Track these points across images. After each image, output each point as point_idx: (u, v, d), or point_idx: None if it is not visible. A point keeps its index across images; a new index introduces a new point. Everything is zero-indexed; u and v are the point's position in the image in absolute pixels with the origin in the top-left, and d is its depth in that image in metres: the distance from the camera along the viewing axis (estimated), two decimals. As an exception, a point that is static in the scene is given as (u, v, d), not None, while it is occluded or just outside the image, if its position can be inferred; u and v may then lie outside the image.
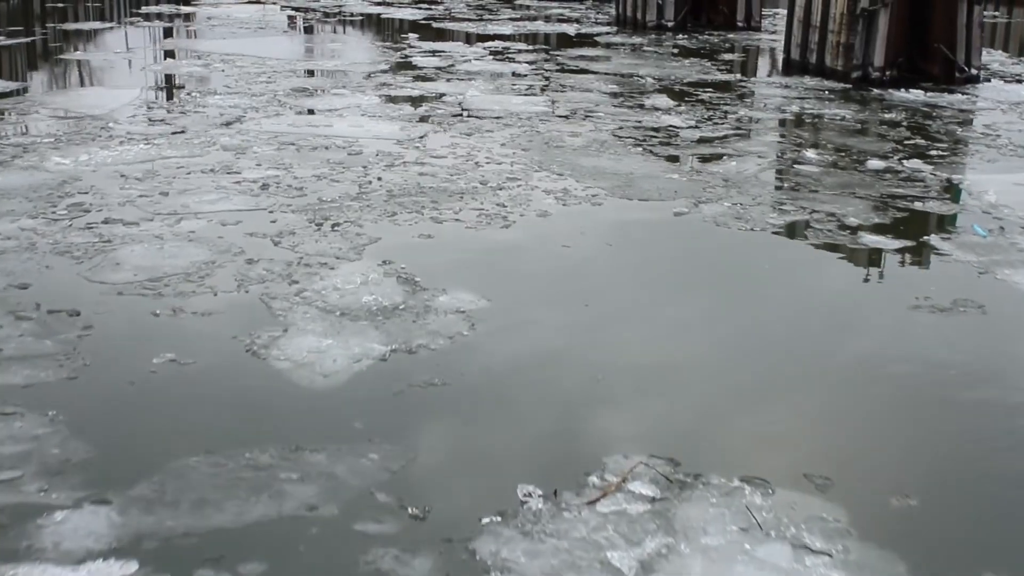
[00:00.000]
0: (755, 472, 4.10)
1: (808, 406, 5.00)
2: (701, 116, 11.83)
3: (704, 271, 6.82)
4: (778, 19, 24.46)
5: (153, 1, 28.31)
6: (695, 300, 6.27)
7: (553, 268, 6.66)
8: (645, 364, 5.30)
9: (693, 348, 5.57)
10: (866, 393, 5.10)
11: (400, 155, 9.42)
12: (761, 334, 5.72)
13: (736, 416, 4.79)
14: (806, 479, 4.11)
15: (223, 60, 15.65)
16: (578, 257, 6.88)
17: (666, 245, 7.27)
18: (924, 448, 4.58)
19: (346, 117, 11.21)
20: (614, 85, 14.01)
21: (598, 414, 4.75)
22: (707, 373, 5.26)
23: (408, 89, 13.15)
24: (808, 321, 5.97)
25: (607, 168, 9.12)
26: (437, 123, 10.96)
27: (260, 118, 11.03)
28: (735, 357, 5.43)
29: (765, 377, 5.20)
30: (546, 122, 11.19)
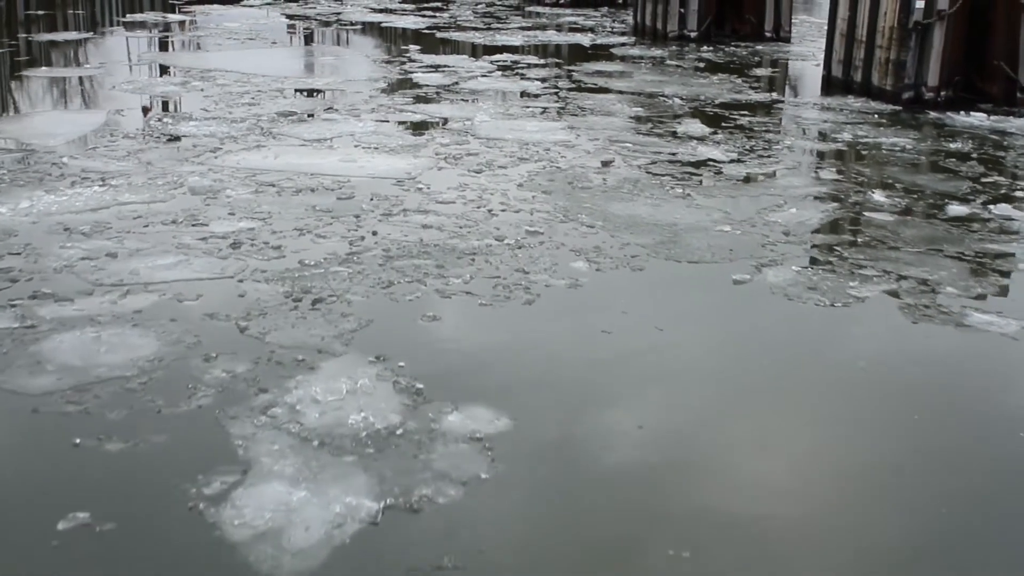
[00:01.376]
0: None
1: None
2: (743, 147, 10.54)
3: (786, 371, 5.50)
4: (804, 28, 23.22)
5: (139, 9, 27.09)
6: (784, 416, 4.96)
7: (591, 366, 5.36)
8: (744, 525, 3.98)
9: (808, 494, 4.26)
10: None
11: (399, 199, 8.13)
12: (891, 475, 4.41)
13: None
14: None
15: (204, 78, 14.36)
16: (622, 348, 5.57)
17: (730, 330, 5.95)
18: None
19: (337, 149, 9.92)
20: (639, 107, 12.72)
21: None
22: (842, 536, 3.95)
23: (408, 113, 11.86)
24: (942, 452, 4.67)
25: (645, 217, 7.82)
26: (442, 157, 9.66)
27: (238, 150, 9.74)
28: (868, 511, 4.12)
29: (924, 539, 3.89)
30: (567, 155, 9.89)
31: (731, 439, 4.68)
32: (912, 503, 4.19)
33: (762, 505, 4.14)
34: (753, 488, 4.28)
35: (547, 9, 28.03)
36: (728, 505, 4.11)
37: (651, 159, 9.81)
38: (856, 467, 4.49)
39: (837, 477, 4.42)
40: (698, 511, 4.07)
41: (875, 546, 3.89)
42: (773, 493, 4.26)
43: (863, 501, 4.21)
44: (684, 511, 4.08)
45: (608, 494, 4.15)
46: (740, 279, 6.57)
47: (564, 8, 28.08)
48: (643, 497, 4.15)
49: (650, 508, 4.08)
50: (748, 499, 4.18)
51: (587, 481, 4.25)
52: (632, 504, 4.09)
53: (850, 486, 4.34)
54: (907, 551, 3.92)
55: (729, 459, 4.51)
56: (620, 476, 4.30)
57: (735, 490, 4.25)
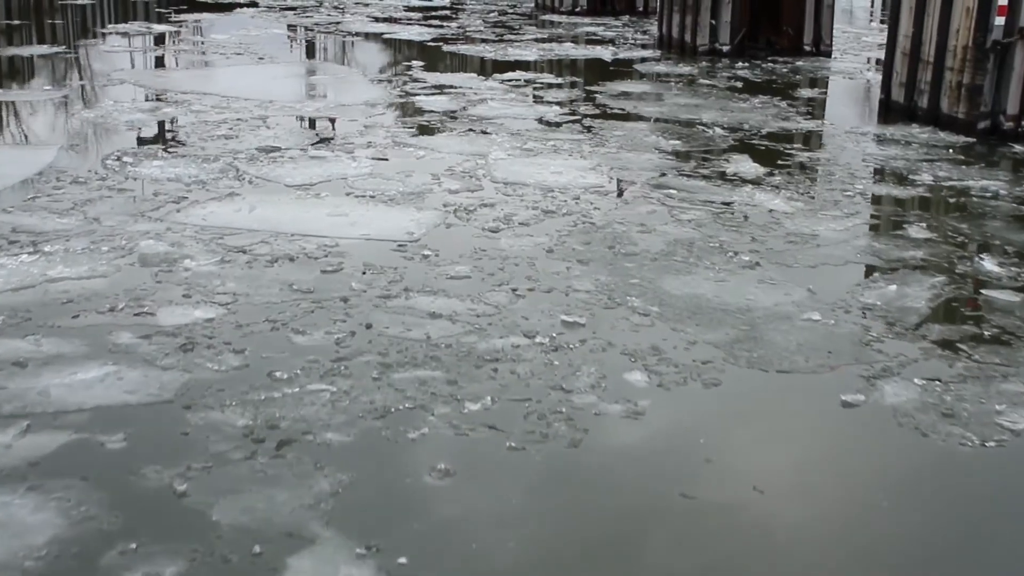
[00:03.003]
0: None
1: None
2: (807, 193, 9.05)
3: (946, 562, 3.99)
4: (843, 39, 21.74)
5: (126, 18, 25.70)
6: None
7: (674, 557, 3.86)
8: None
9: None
10: None
11: (399, 273, 6.63)
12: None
13: None
14: None
15: (179, 102, 12.90)
16: (713, 526, 4.07)
17: (860, 498, 4.42)
18: None
19: (325, 198, 8.44)
20: (676, 139, 11.24)
21: None
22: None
23: (411, 149, 10.37)
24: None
25: (710, 298, 6.32)
26: (451, 209, 8.17)
27: (206, 200, 8.26)
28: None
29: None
30: (601, 205, 8.41)
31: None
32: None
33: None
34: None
35: (563, 18, 26.56)
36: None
37: (703, 211, 8.31)
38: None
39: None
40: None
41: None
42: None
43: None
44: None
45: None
46: (851, 400, 5.06)
47: (581, 17, 26.61)
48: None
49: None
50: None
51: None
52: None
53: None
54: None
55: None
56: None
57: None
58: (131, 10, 28.47)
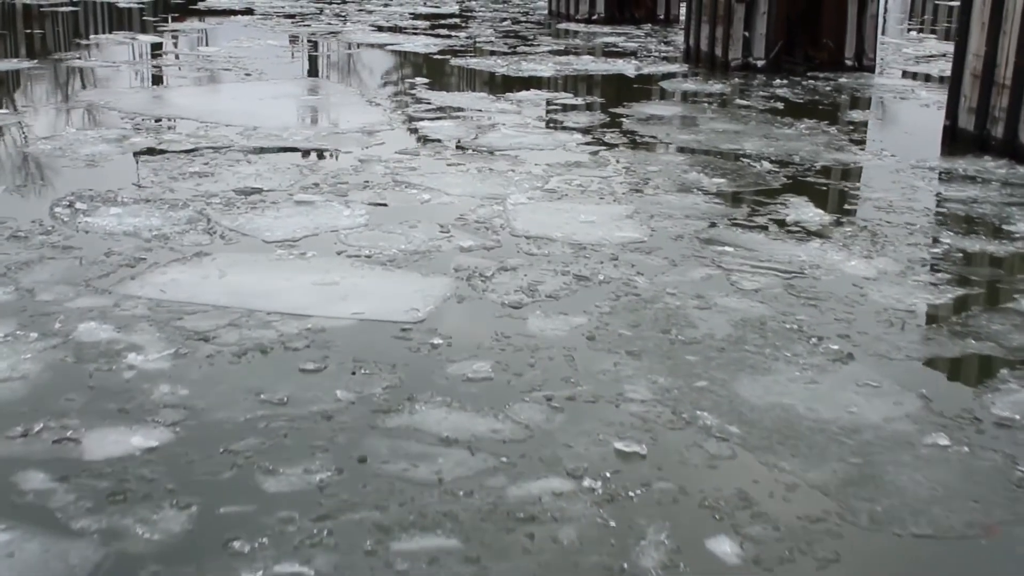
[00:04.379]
0: None
1: None
2: (884, 249, 7.74)
3: None
4: (881, 51, 20.41)
5: (111, 27, 24.50)
6: None
7: None
8: None
9: None
10: None
11: (400, 376, 5.32)
12: None
13: None
14: None
15: (151, 129, 11.63)
16: None
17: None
18: None
19: (311, 260, 7.13)
20: (720, 176, 9.94)
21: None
22: None
23: (414, 191, 9.06)
24: None
25: (802, 411, 5.01)
26: (464, 275, 6.87)
27: (168, 262, 6.97)
28: None
29: None
30: (646, 268, 7.10)
31: None
32: None
33: None
34: None
35: (580, 27, 25.25)
36: None
37: (769, 277, 7.01)
38: None
39: None
40: None
41: None
42: None
43: None
44: None
45: None
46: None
47: (599, 25, 25.32)
48: None
49: None
50: None
51: None
52: None
53: None
54: None
55: None
56: None
57: None
58: (119, 18, 27.26)
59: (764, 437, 4.75)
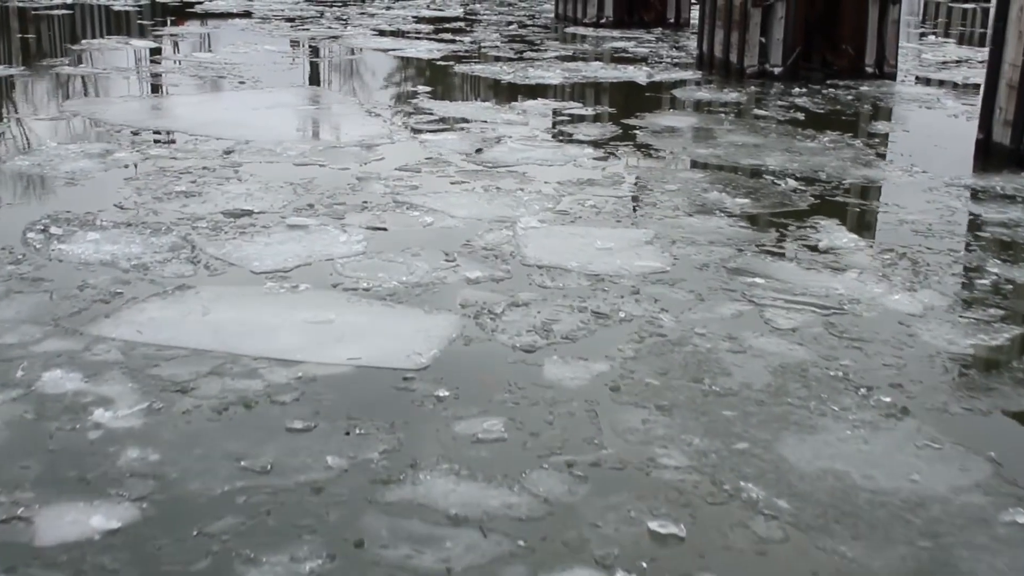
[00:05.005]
0: None
1: None
2: (927, 280, 7.18)
3: None
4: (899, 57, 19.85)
5: (106, 32, 24.02)
6: None
7: None
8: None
9: None
10: None
11: (401, 438, 4.76)
12: None
13: None
14: None
15: (137, 143, 11.08)
16: None
17: None
18: None
19: (303, 294, 6.57)
20: (743, 195, 9.38)
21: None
22: None
23: (416, 213, 8.49)
24: None
25: (857, 479, 4.45)
26: (472, 312, 6.31)
27: (147, 298, 6.41)
28: None
29: None
30: (671, 304, 6.54)
31: None
32: None
33: None
34: None
35: (587, 31, 24.70)
36: None
37: (805, 313, 6.44)
38: None
39: None
40: None
41: None
42: None
43: None
44: None
45: None
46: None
47: (607, 29, 24.77)
48: None
49: None
50: None
51: None
52: None
53: None
54: None
55: None
56: None
57: None
58: (113, 22, 26.77)
59: (819, 514, 4.19)
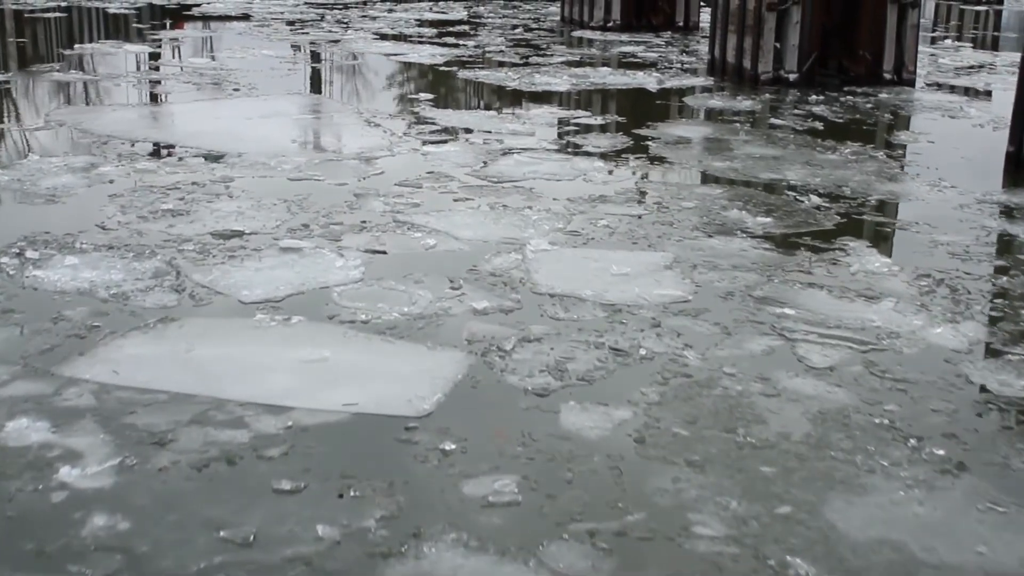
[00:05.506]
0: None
1: None
2: (968, 310, 6.70)
3: None
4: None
5: (102, 35, 23.61)
6: None
7: None
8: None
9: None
10: None
11: (401, 502, 4.28)
12: None
13: None
14: None
15: (123, 156, 10.60)
16: None
17: None
18: None
19: (296, 327, 6.10)
20: (764, 213, 8.90)
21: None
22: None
23: (418, 235, 8.01)
24: None
25: (917, 552, 3.96)
26: (479, 348, 5.83)
27: (126, 332, 5.94)
28: None
29: None
30: (694, 338, 6.06)
31: None
32: None
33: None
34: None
35: (596, 34, 24.25)
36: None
37: (841, 348, 5.97)
38: None
39: None
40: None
41: None
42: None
43: None
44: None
45: None
46: None
47: (615, 33, 24.31)
48: None
49: None
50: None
51: None
52: None
53: None
54: None
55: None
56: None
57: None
58: (109, 25, 26.36)
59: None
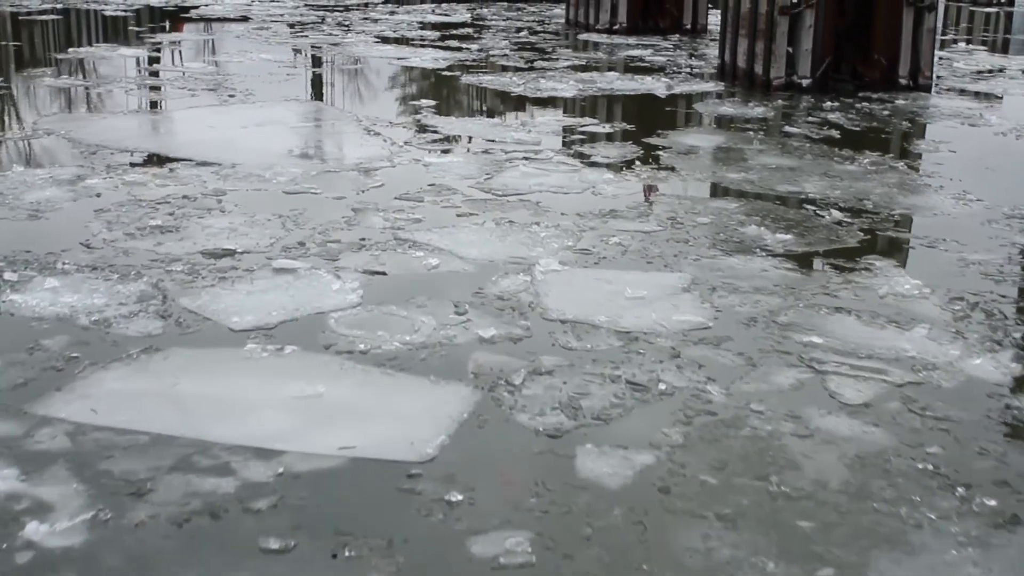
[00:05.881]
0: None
1: None
2: (1008, 338, 6.31)
3: None
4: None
5: (98, 39, 23.29)
6: None
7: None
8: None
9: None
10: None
11: (401, 562, 3.89)
12: None
13: None
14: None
15: (112, 167, 10.23)
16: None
17: None
18: None
19: (288, 357, 5.71)
20: (784, 229, 8.52)
21: None
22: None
23: (420, 254, 7.62)
24: None
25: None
26: (487, 385, 5.45)
27: (107, 364, 5.56)
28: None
29: None
30: (717, 368, 5.68)
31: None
32: None
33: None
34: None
35: (602, 37, 23.90)
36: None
37: (875, 383, 5.58)
38: None
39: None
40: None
41: None
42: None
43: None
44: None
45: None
46: None
47: (621, 36, 23.95)
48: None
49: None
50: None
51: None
52: None
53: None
54: None
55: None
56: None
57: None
58: (105, 28, 26.03)
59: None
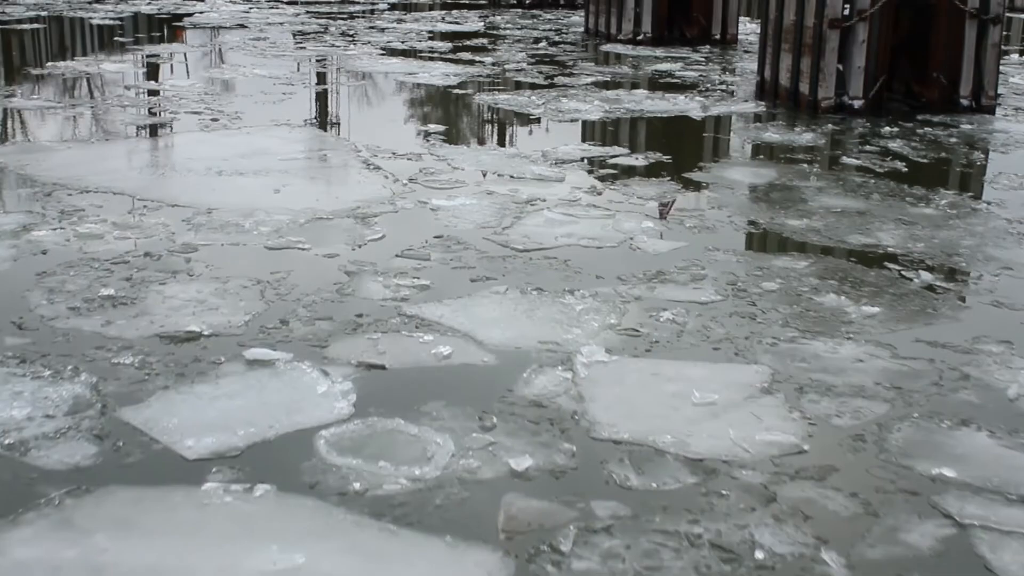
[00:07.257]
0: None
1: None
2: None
3: None
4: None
5: (75, 51, 22.11)
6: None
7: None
8: None
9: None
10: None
11: None
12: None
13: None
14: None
15: (66, 212, 8.88)
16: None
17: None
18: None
19: (260, 503, 4.37)
20: (866, 298, 7.20)
21: None
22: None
23: (428, 338, 6.28)
24: None
25: None
26: (523, 553, 4.12)
27: (12, 519, 4.24)
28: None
29: None
30: (827, 522, 4.37)
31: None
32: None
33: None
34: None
35: (626, 48, 22.56)
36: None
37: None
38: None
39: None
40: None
41: None
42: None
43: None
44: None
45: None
46: None
47: (647, 47, 22.61)
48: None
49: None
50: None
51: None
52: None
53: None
54: None
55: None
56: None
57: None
58: (90, 39, 24.81)
59: None
